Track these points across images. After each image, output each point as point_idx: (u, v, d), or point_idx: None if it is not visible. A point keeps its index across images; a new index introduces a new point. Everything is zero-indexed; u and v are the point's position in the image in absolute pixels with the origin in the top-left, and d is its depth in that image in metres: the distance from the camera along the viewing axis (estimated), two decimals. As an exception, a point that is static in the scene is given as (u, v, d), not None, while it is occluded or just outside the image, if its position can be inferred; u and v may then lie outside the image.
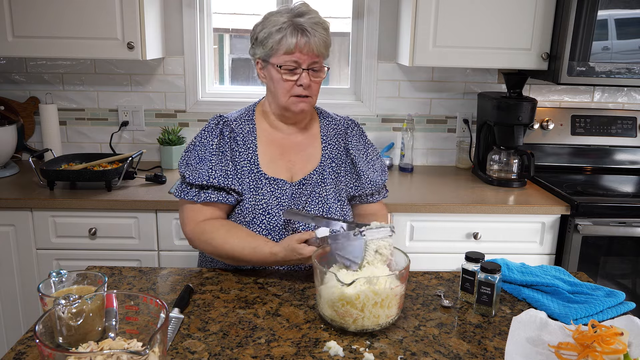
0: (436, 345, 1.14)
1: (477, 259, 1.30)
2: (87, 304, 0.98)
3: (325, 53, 1.49)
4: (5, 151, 2.37)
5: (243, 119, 1.57)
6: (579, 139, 2.67)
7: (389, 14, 2.62)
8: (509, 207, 2.16)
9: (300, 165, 1.57)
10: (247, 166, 1.51)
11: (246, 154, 1.52)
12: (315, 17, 1.46)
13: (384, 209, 1.69)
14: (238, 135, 1.53)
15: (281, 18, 1.45)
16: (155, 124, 2.68)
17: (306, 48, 1.44)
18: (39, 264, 2.15)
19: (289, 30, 1.43)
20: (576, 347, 1.07)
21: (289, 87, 1.48)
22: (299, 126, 1.59)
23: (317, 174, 1.56)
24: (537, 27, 2.31)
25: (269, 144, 1.56)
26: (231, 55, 2.91)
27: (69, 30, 2.23)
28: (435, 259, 2.21)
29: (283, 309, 1.28)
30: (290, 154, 1.57)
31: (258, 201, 1.49)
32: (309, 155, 1.58)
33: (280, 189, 1.52)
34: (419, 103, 2.73)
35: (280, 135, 1.58)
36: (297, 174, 1.56)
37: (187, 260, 2.15)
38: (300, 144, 1.59)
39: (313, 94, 1.51)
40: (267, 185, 1.51)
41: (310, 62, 1.46)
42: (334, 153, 1.60)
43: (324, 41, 1.46)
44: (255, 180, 1.51)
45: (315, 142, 1.60)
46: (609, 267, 2.22)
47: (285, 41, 1.43)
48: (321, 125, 1.63)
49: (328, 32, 1.48)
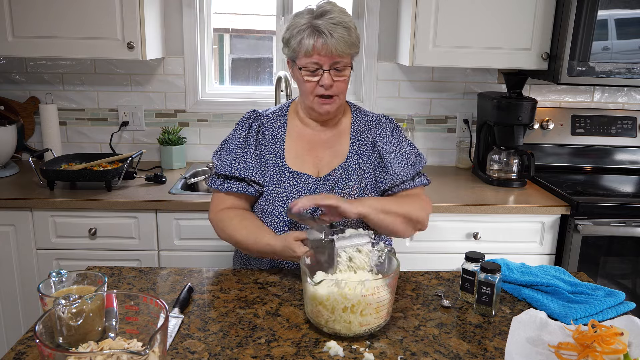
0: (436, 345, 1.14)
1: (477, 259, 1.30)
2: (87, 304, 0.98)
3: (348, 52, 1.47)
4: (5, 151, 2.37)
5: (276, 114, 1.63)
6: (579, 139, 2.67)
7: (389, 14, 2.62)
8: (509, 207, 2.16)
9: (327, 160, 1.59)
10: (272, 159, 1.56)
11: (273, 147, 1.57)
12: (336, 16, 1.46)
13: (421, 194, 1.61)
14: (267, 130, 1.59)
15: (302, 20, 1.47)
16: (155, 124, 2.68)
17: (324, 49, 1.44)
18: (39, 264, 2.15)
19: (307, 32, 1.44)
20: (576, 347, 1.07)
21: (312, 88, 1.50)
22: (328, 124, 1.61)
23: (342, 169, 1.57)
24: (537, 27, 2.31)
25: (297, 139, 1.59)
26: (231, 55, 2.91)
27: (69, 30, 2.23)
28: (435, 259, 2.21)
29: (283, 309, 1.28)
30: (318, 150, 1.59)
31: (279, 193, 1.53)
32: (336, 151, 1.60)
33: (303, 183, 1.54)
34: (419, 103, 2.73)
35: (309, 132, 1.61)
36: (324, 169, 1.58)
37: (187, 260, 2.15)
38: (328, 140, 1.60)
39: (338, 93, 1.51)
40: (290, 179, 1.54)
41: (331, 63, 1.46)
42: (361, 149, 1.60)
43: (344, 41, 1.45)
44: (279, 174, 1.55)
45: (343, 138, 1.61)
46: (609, 267, 2.22)
47: (303, 44, 1.45)
48: (352, 122, 1.63)
49: (350, 31, 1.47)
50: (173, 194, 2.18)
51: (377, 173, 1.59)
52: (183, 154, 2.61)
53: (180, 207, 2.09)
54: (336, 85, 1.49)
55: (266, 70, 2.87)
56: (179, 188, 2.25)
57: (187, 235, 2.15)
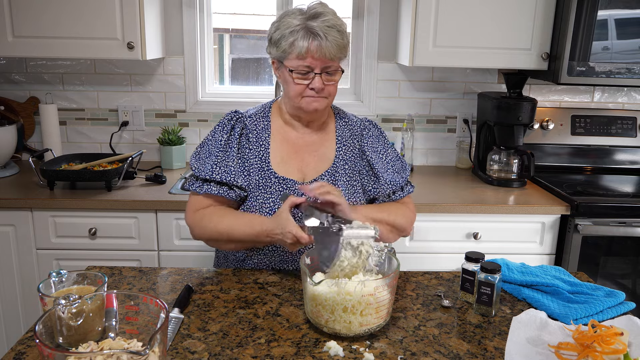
0: (436, 345, 1.14)
1: (477, 259, 1.30)
2: (87, 304, 0.98)
3: (339, 56, 1.45)
4: (5, 151, 2.37)
5: (258, 115, 1.57)
6: (579, 139, 2.67)
7: (389, 14, 2.62)
8: (509, 207, 2.16)
9: (313, 165, 1.55)
10: (257, 163, 1.51)
11: (257, 151, 1.52)
12: (329, 19, 1.42)
13: (410, 202, 1.65)
14: (251, 132, 1.53)
15: (294, 20, 1.42)
16: (155, 124, 2.68)
17: (318, 52, 1.40)
18: (39, 264, 2.14)
19: (301, 34, 1.40)
20: (576, 347, 1.07)
21: (301, 90, 1.46)
22: (313, 126, 1.57)
23: (329, 175, 1.54)
24: (537, 27, 2.31)
25: (282, 142, 1.55)
26: (231, 55, 2.91)
27: (69, 30, 2.23)
28: (435, 259, 2.21)
29: (283, 309, 1.28)
30: (303, 153, 1.55)
31: (265, 199, 1.49)
32: (322, 155, 1.56)
33: (289, 189, 1.50)
34: (419, 103, 2.73)
35: (294, 134, 1.57)
36: (309, 174, 1.54)
37: (187, 260, 2.15)
38: (314, 143, 1.57)
39: (328, 95, 1.48)
40: (276, 184, 1.50)
41: (323, 67, 1.43)
42: (348, 155, 1.57)
43: (337, 44, 1.42)
44: (264, 178, 1.50)
45: (329, 142, 1.58)
46: (609, 267, 2.22)
47: (297, 45, 1.40)
48: (337, 126, 1.60)
49: (343, 35, 1.44)
50: (173, 194, 2.18)
51: (365, 181, 1.58)
52: (183, 154, 2.61)
53: (180, 207, 2.09)
54: (327, 89, 1.46)
55: (266, 70, 2.87)
56: (179, 188, 2.25)
57: (187, 235, 2.13)
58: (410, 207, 1.63)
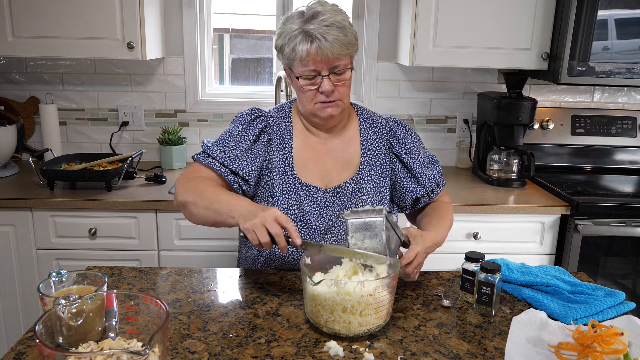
0: (436, 345, 1.14)
1: (477, 259, 1.30)
2: (87, 304, 0.98)
3: (344, 53, 1.38)
4: (5, 151, 2.37)
5: (279, 116, 1.52)
6: (579, 139, 2.67)
7: (389, 14, 2.62)
8: (509, 207, 2.16)
9: (336, 171, 1.50)
10: (279, 167, 1.46)
11: (281, 153, 1.48)
12: (327, 17, 1.36)
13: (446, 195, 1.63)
14: (275, 132, 1.49)
15: (294, 25, 1.38)
16: (155, 124, 2.68)
17: (319, 55, 1.36)
18: (39, 264, 2.15)
19: (299, 38, 1.36)
20: (576, 347, 1.07)
21: (312, 96, 1.42)
22: (334, 130, 1.52)
23: (355, 182, 1.49)
24: (537, 27, 2.31)
25: (304, 146, 1.50)
26: (231, 55, 2.91)
27: (69, 30, 2.22)
28: (435, 259, 2.20)
29: (283, 309, 1.28)
30: (325, 159, 1.50)
31: (290, 205, 1.44)
32: (345, 162, 1.51)
33: (312, 196, 1.45)
34: (419, 103, 2.73)
35: (315, 139, 1.52)
36: (333, 181, 1.49)
37: (187, 260, 2.15)
38: (336, 148, 1.51)
39: (341, 97, 1.44)
40: (300, 190, 1.45)
41: (329, 68, 1.39)
42: (374, 160, 1.52)
43: (339, 42, 1.36)
44: (288, 183, 1.46)
45: (353, 146, 1.52)
46: (609, 267, 2.22)
47: (297, 51, 1.37)
48: (360, 128, 1.54)
49: (345, 30, 1.38)
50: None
51: (404, 183, 1.53)
52: (183, 154, 2.61)
53: (180, 207, 2.09)
54: (337, 90, 1.41)
55: (266, 70, 2.87)
56: (179, 188, 2.25)
57: (187, 235, 2.15)
58: (446, 199, 1.62)
